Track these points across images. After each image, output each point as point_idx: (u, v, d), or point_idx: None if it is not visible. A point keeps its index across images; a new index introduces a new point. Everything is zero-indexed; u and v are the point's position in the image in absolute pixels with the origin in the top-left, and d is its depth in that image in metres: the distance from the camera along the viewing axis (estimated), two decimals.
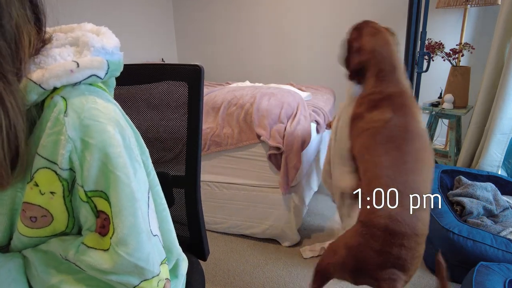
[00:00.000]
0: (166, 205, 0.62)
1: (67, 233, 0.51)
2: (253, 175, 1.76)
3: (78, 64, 0.47)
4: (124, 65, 0.85)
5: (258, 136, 1.68)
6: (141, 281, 0.49)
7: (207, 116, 1.86)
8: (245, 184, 1.79)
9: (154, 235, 0.52)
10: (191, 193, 0.88)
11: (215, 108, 1.84)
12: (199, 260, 0.90)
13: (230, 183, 1.81)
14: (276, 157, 1.68)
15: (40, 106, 0.48)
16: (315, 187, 2.21)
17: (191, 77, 0.81)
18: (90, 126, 0.46)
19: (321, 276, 1.09)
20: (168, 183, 0.88)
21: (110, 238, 0.47)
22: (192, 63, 0.81)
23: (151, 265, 0.50)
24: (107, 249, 0.47)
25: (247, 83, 2.71)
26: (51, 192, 0.47)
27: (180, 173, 0.87)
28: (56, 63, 0.47)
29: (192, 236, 0.92)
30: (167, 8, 3.78)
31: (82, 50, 0.50)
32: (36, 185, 0.46)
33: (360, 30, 1.26)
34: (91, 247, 0.48)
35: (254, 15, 3.51)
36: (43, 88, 0.45)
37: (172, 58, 3.90)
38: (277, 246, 1.78)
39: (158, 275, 0.51)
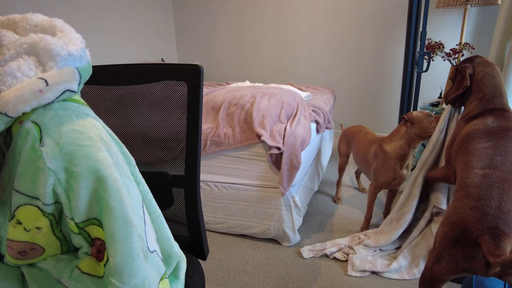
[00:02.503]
0: (159, 212, 0.59)
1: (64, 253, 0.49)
2: (253, 175, 1.77)
3: (46, 82, 0.40)
4: (124, 65, 0.85)
5: (258, 136, 1.68)
6: None
7: (207, 116, 1.86)
8: (245, 184, 1.79)
9: (152, 252, 0.50)
10: (190, 192, 0.88)
11: (215, 108, 1.84)
12: (199, 260, 0.90)
13: (230, 183, 1.81)
14: (276, 157, 1.68)
15: (7, 133, 0.43)
16: (315, 187, 2.21)
17: (190, 77, 0.81)
18: (73, 152, 0.41)
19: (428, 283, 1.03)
20: (167, 183, 0.88)
21: (104, 265, 0.44)
22: (191, 63, 0.81)
23: (148, 285, 0.47)
24: (102, 277, 0.44)
25: (247, 83, 2.71)
26: (37, 228, 0.42)
27: (179, 172, 0.87)
28: (17, 82, 0.40)
29: (192, 235, 0.92)
30: (167, 8, 3.78)
31: (45, 61, 0.43)
32: (19, 222, 0.42)
33: (472, 61, 1.38)
34: (85, 273, 0.45)
35: (254, 15, 3.51)
36: (9, 117, 0.39)
37: (172, 58, 3.91)
38: (277, 246, 1.78)
39: None
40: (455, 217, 0.96)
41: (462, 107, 1.50)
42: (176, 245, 0.64)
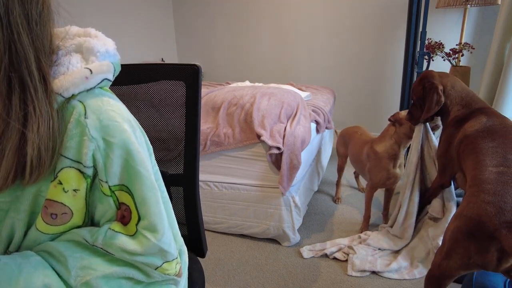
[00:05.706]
0: (168, 198, 0.65)
1: (81, 227, 0.54)
2: (253, 175, 1.76)
3: (91, 70, 0.50)
4: (123, 65, 0.85)
5: (258, 136, 1.68)
6: (163, 263, 0.55)
7: (207, 116, 1.86)
8: (245, 184, 1.79)
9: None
10: (189, 191, 0.88)
11: (215, 108, 1.84)
12: (198, 258, 0.90)
13: (230, 183, 1.81)
14: (276, 157, 1.68)
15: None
16: (315, 187, 2.21)
17: (188, 76, 0.81)
18: (110, 126, 0.50)
19: (436, 281, 1.02)
20: (166, 181, 0.88)
21: (136, 224, 0.52)
22: (190, 63, 0.81)
23: (172, 248, 0.56)
24: (133, 235, 0.52)
25: (247, 83, 2.71)
26: (75, 190, 0.50)
27: (178, 171, 0.87)
28: (68, 71, 0.50)
29: (191, 234, 0.92)
30: (167, 8, 3.78)
31: (88, 57, 0.52)
32: (60, 183, 0.49)
33: (430, 77, 1.43)
34: (118, 232, 0.52)
35: (254, 15, 3.51)
36: (63, 97, 0.48)
37: (172, 58, 3.91)
38: (277, 246, 1.78)
39: (176, 258, 0.57)
40: (470, 211, 0.96)
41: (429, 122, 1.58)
42: (179, 233, 0.69)
